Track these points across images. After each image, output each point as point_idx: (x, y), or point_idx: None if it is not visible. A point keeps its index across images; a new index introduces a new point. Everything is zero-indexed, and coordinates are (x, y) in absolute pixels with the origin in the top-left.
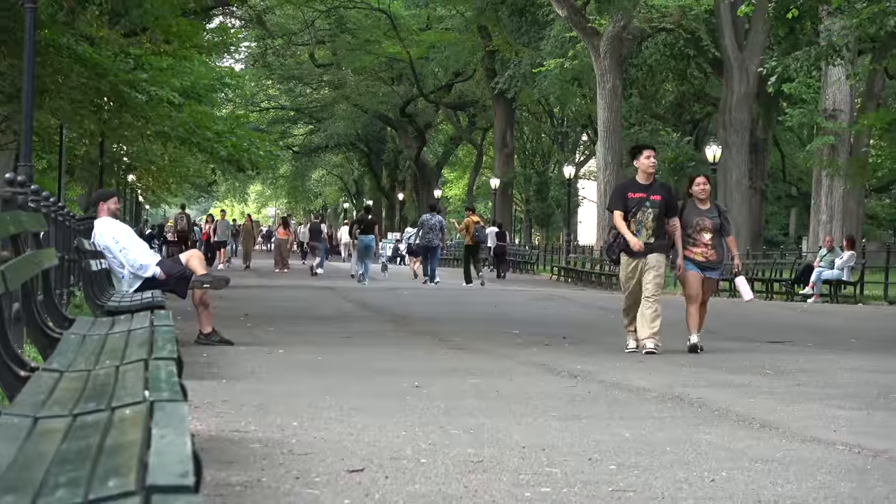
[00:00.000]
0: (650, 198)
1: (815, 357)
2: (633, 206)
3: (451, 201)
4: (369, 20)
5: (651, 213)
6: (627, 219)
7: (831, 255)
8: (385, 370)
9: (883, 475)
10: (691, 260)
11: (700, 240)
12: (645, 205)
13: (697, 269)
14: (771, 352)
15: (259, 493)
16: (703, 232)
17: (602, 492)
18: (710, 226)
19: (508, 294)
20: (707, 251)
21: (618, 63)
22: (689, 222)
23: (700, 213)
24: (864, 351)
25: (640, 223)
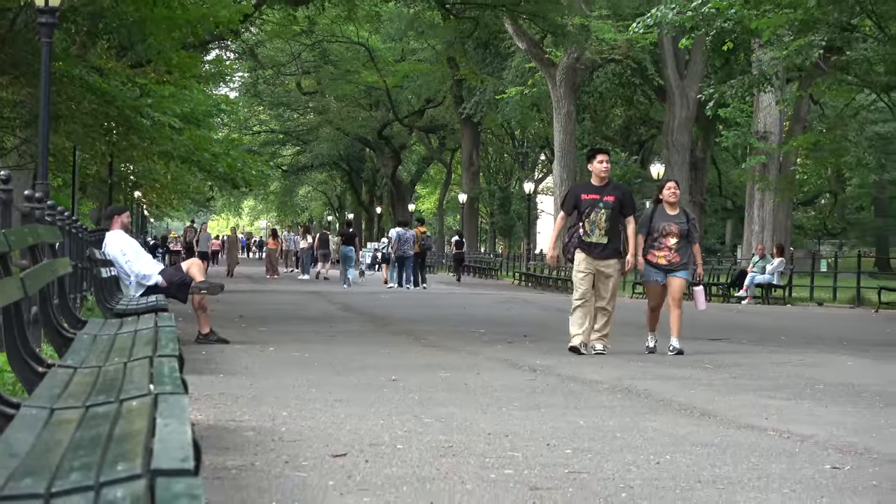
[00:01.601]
0: (603, 199)
1: (749, 353)
2: (586, 207)
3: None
4: (350, 53)
5: (604, 214)
6: (581, 219)
7: (763, 262)
8: (365, 365)
9: (809, 458)
10: (654, 265)
11: (664, 244)
12: (598, 206)
13: (660, 276)
14: (709, 348)
15: (252, 476)
16: (668, 237)
17: (559, 473)
18: (676, 231)
19: (475, 297)
20: (670, 254)
21: (572, 90)
22: (657, 227)
23: (668, 219)
24: (792, 347)
25: (594, 223)
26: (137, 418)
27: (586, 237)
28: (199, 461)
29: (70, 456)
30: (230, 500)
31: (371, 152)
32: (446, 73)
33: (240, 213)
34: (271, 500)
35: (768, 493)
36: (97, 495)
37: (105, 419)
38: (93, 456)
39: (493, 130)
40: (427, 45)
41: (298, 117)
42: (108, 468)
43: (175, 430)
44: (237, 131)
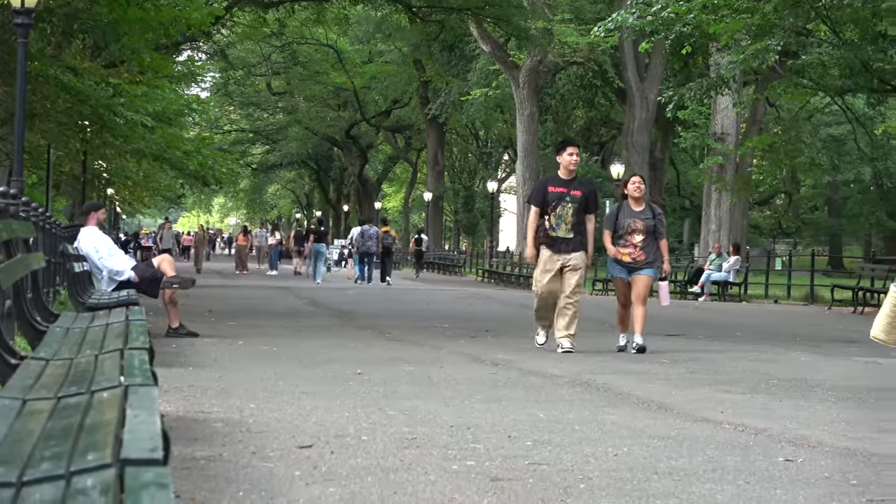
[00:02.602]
0: (570, 193)
1: (706, 348)
2: (553, 201)
3: (390, 212)
4: (319, 54)
5: (571, 208)
6: (548, 213)
7: (719, 260)
8: (331, 359)
9: (763, 450)
10: (618, 262)
11: (630, 241)
12: (565, 199)
13: (625, 272)
14: (667, 344)
15: (220, 466)
16: (634, 233)
17: (520, 465)
18: (641, 227)
19: (439, 293)
20: (635, 252)
21: (535, 92)
22: (622, 223)
23: (633, 215)
24: (747, 343)
25: (560, 217)
26: (108, 409)
27: (552, 231)
28: (168, 451)
29: (42, 445)
30: (198, 489)
31: (339, 151)
32: (412, 75)
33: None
34: (239, 489)
35: (723, 485)
36: (68, 484)
37: (76, 410)
38: (64, 445)
39: (457, 131)
40: (394, 47)
41: (268, 117)
42: (79, 457)
43: (144, 421)
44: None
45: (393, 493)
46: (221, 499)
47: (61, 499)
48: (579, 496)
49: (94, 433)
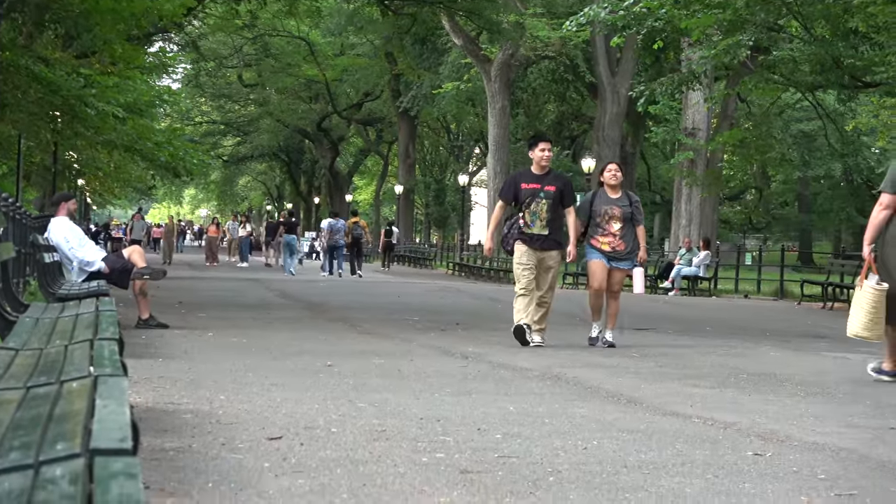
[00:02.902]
0: (544, 188)
1: (675, 342)
2: (526, 197)
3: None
4: (291, 46)
5: (545, 204)
6: (522, 210)
7: (689, 254)
8: (302, 351)
9: (732, 444)
10: (598, 250)
11: (609, 229)
12: (539, 195)
13: (603, 259)
14: (637, 338)
15: (190, 458)
16: (612, 221)
17: (489, 457)
18: (619, 214)
19: (410, 286)
20: (615, 241)
21: (506, 86)
22: (598, 211)
23: (610, 202)
24: (717, 337)
25: (535, 214)
26: (77, 399)
27: (527, 228)
28: (138, 442)
29: (10, 435)
30: (167, 480)
31: (310, 144)
32: (384, 68)
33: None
34: (208, 481)
35: (692, 479)
36: (36, 473)
37: (45, 400)
38: (33, 435)
39: (429, 124)
40: (366, 40)
41: (239, 109)
42: (48, 447)
43: (114, 412)
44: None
45: (362, 485)
46: (190, 490)
47: (30, 488)
48: (548, 489)
49: (63, 423)
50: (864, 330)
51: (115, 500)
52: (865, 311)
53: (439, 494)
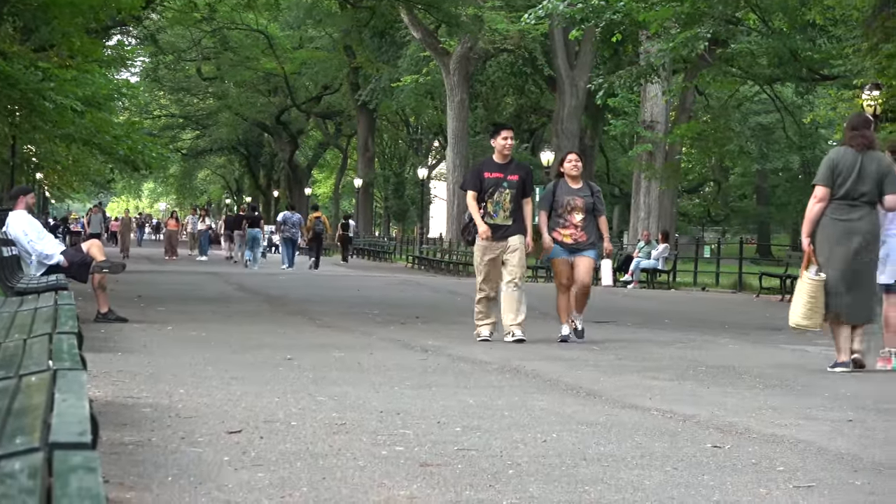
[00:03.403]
0: (507, 178)
1: (635, 335)
2: (489, 187)
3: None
4: (249, 40)
5: (509, 194)
6: (484, 199)
7: (648, 247)
8: (261, 345)
9: (691, 437)
10: (559, 243)
11: (570, 220)
12: (502, 185)
13: (567, 254)
14: (596, 330)
15: (149, 451)
16: (573, 212)
17: (449, 450)
18: (581, 205)
19: (369, 280)
20: (577, 232)
21: (465, 79)
22: (560, 201)
23: (571, 192)
24: (675, 330)
25: (498, 203)
26: (36, 393)
27: (490, 219)
28: (97, 436)
29: None
30: (127, 474)
31: (269, 137)
32: (343, 61)
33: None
34: (167, 474)
35: (651, 471)
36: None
37: (4, 394)
38: None
39: (388, 117)
40: (324, 33)
41: (198, 102)
42: (7, 441)
43: (73, 405)
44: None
45: (322, 478)
46: (150, 483)
47: None
48: (508, 482)
49: (21, 417)
50: (803, 319)
51: (74, 493)
52: (804, 301)
53: (399, 487)
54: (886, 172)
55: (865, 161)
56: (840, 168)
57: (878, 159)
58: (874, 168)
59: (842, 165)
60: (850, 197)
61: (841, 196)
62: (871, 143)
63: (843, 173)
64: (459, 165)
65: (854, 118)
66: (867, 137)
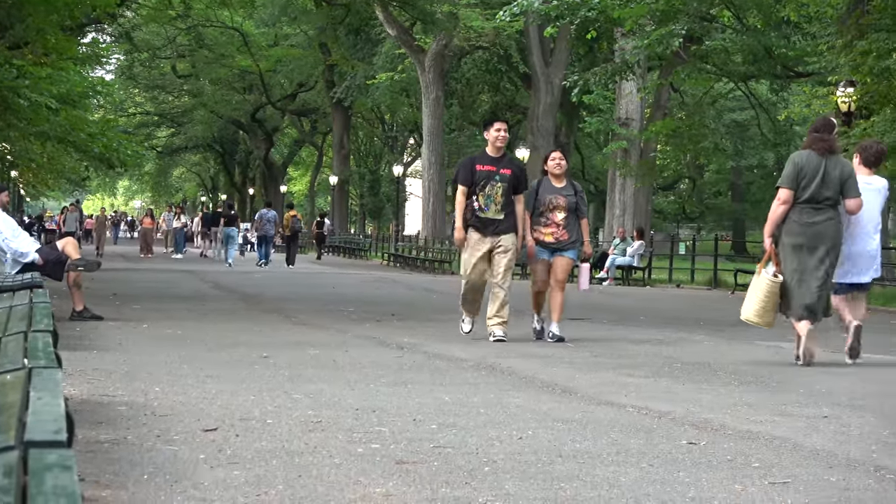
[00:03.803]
0: (500, 171)
1: (610, 332)
2: (481, 180)
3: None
4: (224, 37)
5: (501, 188)
6: (476, 192)
7: (623, 244)
8: (237, 343)
9: (666, 433)
10: (540, 242)
11: (552, 219)
12: (494, 178)
13: (547, 254)
14: (571, 327)
15: (125, 449)
16: (556, 211)
17: (425, 448)
18: (564, 204)
19: (345, 277)
20: (558, 231)
21: (440, 76)
22: (543, 200)
23: (554, 191)
24: (651, 327)
25: (489, 197)
26: (11, 391)
27: (481, 213)
28: (72, 434)
29: None
30: (102, 472)
31: (244, 135)
32: (318, 59)
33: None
34: (143, 472)
35: (627, 468)
36: None
37: None
38: None
39: (363, 114)
40: (300, 30)
41: (173, 100)
42: None
43: (48, 404)
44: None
45: (298, 476)
46: (126, 482)
47: None
48: (484, 479)
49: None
50: (755, 315)
51: (49, 492)
52: (759, 299)
53: (375, 485)
54: (848, 177)
55: (829, 165)
56: (805, 171)
57: (841, 164)
58: (837, 172)
59: (806, 169)
60: (815, 200)
61: (805, 199)
62: (833, 147)
63: (808, 177)
64: (435, 163)
65: (817, 122)
66: (829, 142)
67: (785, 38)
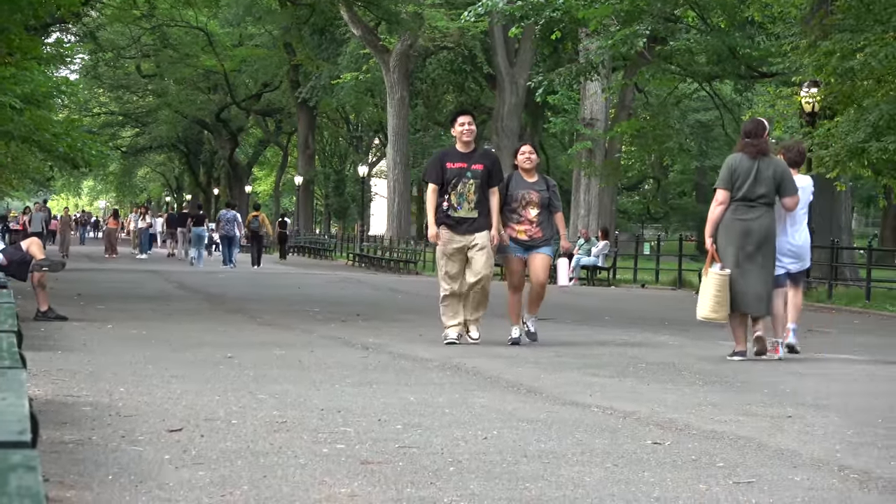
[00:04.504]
0: (471, 167)
1: (575, 332)
2: (452, 178)
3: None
4: (189, 37)
5: (473, 185)
6: (447, 191)
7: (588, 245)
8: (202, 343)
9: (631, 433)
10: (514, 240)
11: (525, 216)
12: (466, 175)
13: (521, 252)
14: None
15: (90, 450)
16: (529, 207)
17: (390, 448)
18: (536, 199)
19: (310, 277)
20: (532, 228)
21: (405, 76)
22: (514, 196)
23: (526, 186)
24: (616, 327)
25: (462, 196)
26: None
27: (453, 212)
28: (37, 434)
29: None
30: (67, 473)
31: (209, 135)
32: (283, 58)
33: (79, 193)
34: (108, 473)
35: (591, 468)
36: None
37: None
38: None
39: (328, 115)
40: (264, 30)
41: (138, 100)
42: None
43: (12, 404)
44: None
45: (263, 476)
46: (90, 482)
47: None
48: (449, 479)
49: None
50: (711, 312)
51: (14, 492)
52: (711, 296)
53: (340, 485)
54: (783, 176)
55: (761, 166)
56: (738, 172)
57: (774, 164)
58: (770, 172)
59: (740, 170)
60: (749, 198)
61: (740, 198)
62: (763, 150)
63: (742, 176)
64: (400, 163)
65: (748, 126)
66: (759, 145)
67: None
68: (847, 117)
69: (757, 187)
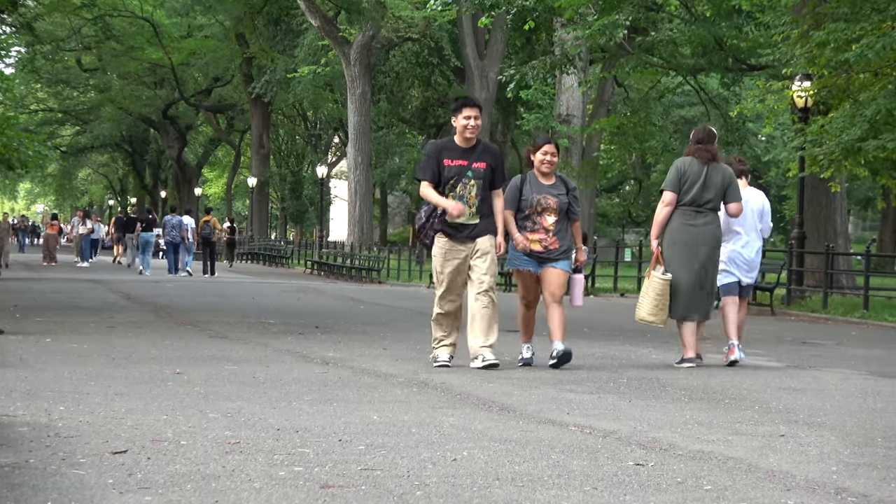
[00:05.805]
0: (473, 165)
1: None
2: (451, 177)
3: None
4: (133, 28)
5: (475, 186)
6: (444, 193)
7: None
8: (147, 358)
9: (612, 454)
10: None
11: (541, 223)
12: (466, 175)
13: (533, 263)
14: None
15: (27, 474)
16: (545, 213)
17: (351, 470)
18: (554, 205)
19: (265, 287)
20: (548, 238)
21: (367, 70)
22: (530, 201)
23: (543, 190)
24: (595, 339)
25: (462, 198)
26: None
27: (451, 218)
28: None
29: None
30: (2, 498)
31: (155, 133)
32: (235, 51)
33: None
34: (46, 499)
35: (569, 491)
36: None
37: None
38: None
39: (284, 111)
40: (215, 20)
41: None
42: None
43: None
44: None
45: (214, 501)
46: None
47: None
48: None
49: None
50: (648, 315)
51: None
52: (651, 298)
53: None
54: (729, 182)
55: (711, 172)
56: (687, 176)
57: (723, 171)
58: (719, 179)
59: (689, 173)
60: (696, 203)
61: (687, 202)
62: (714, 156)
63: (690, 180)
64: (362, 163)
65: (699, 132)
66: (710, 152)
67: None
68: (842, 113)
69: (705, 193)
